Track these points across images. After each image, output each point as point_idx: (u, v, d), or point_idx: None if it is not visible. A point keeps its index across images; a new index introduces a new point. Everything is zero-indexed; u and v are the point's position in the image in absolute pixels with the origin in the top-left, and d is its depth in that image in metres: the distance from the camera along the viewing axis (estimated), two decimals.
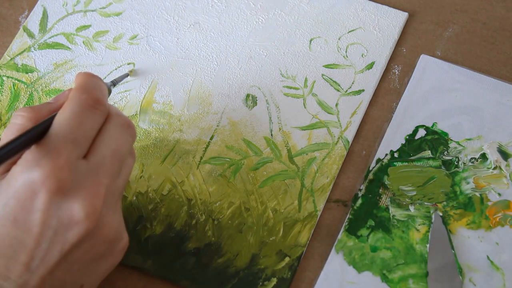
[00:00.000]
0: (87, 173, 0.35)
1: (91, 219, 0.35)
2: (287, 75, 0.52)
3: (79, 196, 0.35)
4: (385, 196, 0.47)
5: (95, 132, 0.37)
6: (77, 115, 0.36)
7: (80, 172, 0.35)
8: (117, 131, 0.38)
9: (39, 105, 0.39)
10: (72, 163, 0.35)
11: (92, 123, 0.37)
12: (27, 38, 0.55)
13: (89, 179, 0.35)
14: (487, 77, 0.51)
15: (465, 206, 0.47)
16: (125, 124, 0.39)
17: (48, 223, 0.34)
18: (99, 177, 0.36)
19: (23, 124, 0.37)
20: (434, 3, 0.55)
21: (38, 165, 0.34)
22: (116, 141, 0.38)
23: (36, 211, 0.34)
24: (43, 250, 0.34)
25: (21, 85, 0.53)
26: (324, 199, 0.48)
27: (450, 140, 0.49)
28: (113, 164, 0.37)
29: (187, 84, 0.52)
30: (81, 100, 0.37)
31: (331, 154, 0.49)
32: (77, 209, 0.35)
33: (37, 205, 0.34)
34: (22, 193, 0.34)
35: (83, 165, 0.35)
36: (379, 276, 0.45)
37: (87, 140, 0.36)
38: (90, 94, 0.37)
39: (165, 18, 0.55)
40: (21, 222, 0.34)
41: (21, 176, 0.34)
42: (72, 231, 0.35)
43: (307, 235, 0.47)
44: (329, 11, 0.54)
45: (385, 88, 0.52)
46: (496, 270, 0.45)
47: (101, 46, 0.54)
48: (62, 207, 0.34)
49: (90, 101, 0.37)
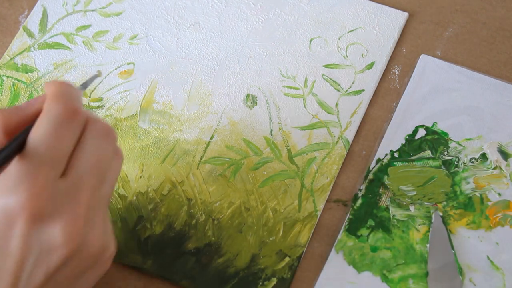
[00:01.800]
0: (66, 193, 0.34)
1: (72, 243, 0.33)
2: (287, 75, 0.52)
3: (59, 220, 0.33)
4: (385, 196, 0.47)
5: (73, 145, 0.35)
6: (53, 131, 0.34)
7: (59, 194, 0.33)
8: (96, 141, 0.35)
9: (8, 110, 0.35)
10: (50, 186, 0.33)
11: (69, 137, 0.34)
12: (27, 38, 0.55)
13: (69, 200, 0.34)
14: (487, 77, 0.51)
15: (465, 206, 0.47)
16: (104, 132, 0.36)
17: (30, 249, 0.33)
18: (78, 195, 0.34)
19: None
20: (434, 3, 0.55)
21: (14, 191, 0.32)
22: (95, 153, 0.35)
23: (15, 238, 0.32)
24: (27, 273, 0.33)
25: (21, 85, 0.53)
26: (324, 199, 0.48)
27: (450, 140, 0.49)
28: (93, 177, 0.35)
29: (187, 84, 0.52)
30: (57, 112, 0.34)
31: (331, 154, 0.49)
32: (57, 235, 0.33)
33: (16, 232, 0.32)
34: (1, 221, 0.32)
35: (62, 184, 0.33)
36: (379, 276, 0.45)
37: (65, 157, 0.34)
38: (66, 105, 0.34)
39: (165, 18, 0.55)
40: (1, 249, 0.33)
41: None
42: (54, 255, 0.33)
43: (307, 235, 0.47)
44: (329, 11, 0.54)
45: (385, 88, 0.52)
46: (496, 270, 0.45)
47: (101, 46, 0.54)
48: (42, 232, 0.33)
49: (67, 112, 0.34)
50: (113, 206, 0.48)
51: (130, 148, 0.50)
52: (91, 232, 0.35)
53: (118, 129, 0.51)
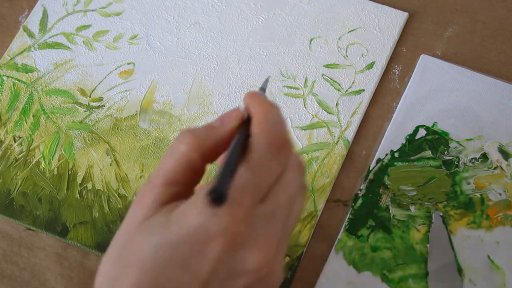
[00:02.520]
0: (263, 220, 0.33)
1: (263, 269, 0.33)
2: (287, 75, 0.52)
3: (254, 247, 0.33)
4: (386, 196, 0.47)
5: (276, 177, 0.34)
6: (262, 162, 0.33)
7: (257, 221, 0.32)
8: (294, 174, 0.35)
9: (203, 130, 0.35)
10: (251, 214, 0.32)
11: (276, 168, 0.33)
12: (27, 38, 0.55)
13: (265, 228, 0.33)
14: (487, 77, 0.51)
15: (466, 206, 0.47)
16: (300, 165, 0.36)
17: (218, 271, 0.32)
18: (272, 224, 0.33)
19: (187, 154, 0.34)
20: (434, 3, 0.55)
21: (216, 214, 0.31)
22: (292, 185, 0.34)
23: (207, 258, 0.32)
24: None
25: (21, 85, 0.53)
26: (324, 199, 0.48)
27: (451, 140, 0.49)
28: (286, 209, 0.34)
29: (187, 84, 0.52)
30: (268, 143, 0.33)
31: (331, 154, 0.49)
32: (251, 260, 0.33)
33: (209, 254, 0.32)
34: (195, 239, 0.32)
35: (260, 211, 0.33)
36: (379, 276, 0.45)
37: (268, 187, 0.33)
38: (278, 135, 0.34)
39: (165, 18, 0.55)
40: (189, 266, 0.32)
41: (196, 221, 0.32)
42: (241, 280, 0.33)
43: (307, 235, 0.47)
44: (329, 11, 0.54)
45: (385, 88, 0.52)
46: (496, 270, 0.45)
47: (101, 46, 0.54)
48: (236, 257, 0.32)
49: (278, 143, 0.34)
50: (113, 206, 0.48)
51: (130, 148, 0.50)
52: (277, 263, 0.34)
53: (118, 129, 0.51)
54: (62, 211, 0.48)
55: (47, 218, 0.48)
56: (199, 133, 0.35)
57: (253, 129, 0.35)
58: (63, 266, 0.47)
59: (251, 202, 0.32)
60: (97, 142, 0.50)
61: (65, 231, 0.48)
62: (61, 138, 0.51)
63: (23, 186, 0.49)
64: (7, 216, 0.48)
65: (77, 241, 0.47)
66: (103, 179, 0.49)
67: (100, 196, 0.49)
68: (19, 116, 0.52)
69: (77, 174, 0.49)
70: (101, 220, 0.48)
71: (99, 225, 0.48)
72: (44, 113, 0.52)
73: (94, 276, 0.47)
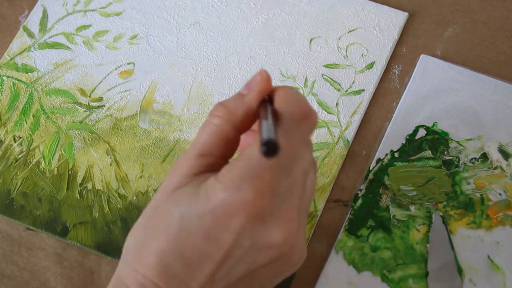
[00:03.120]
0: (285, 195, 0.34)
1: (288, 244, 0.34)
2: (287, 75, 0.52)
3: (277, 221, 0.33)
4: (386, 196, 0.47)
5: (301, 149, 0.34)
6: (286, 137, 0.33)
7: (279, 196, 0.33)
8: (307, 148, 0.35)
9: (232, 100, 0.36)
10: (273, 190, 0.33)
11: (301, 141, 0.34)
12: (27, 38, 0.55)
13: (286, 203, 0.34)
14: (487, 77, 0.51)
15: (466, 206, 0.47)
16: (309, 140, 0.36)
17: (241, 243, 0.33)
18: (292, 199, 0.34)
19: (221, 126, 0.35)
20: (434, 3, 0.55)
21: (241, 189, 0.32)
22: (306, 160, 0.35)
23: (230, 231, 0.33)
24: (230, 266, 0.33)
25: (21, 85, 0.53)
26: (324, 199, 0.48)
27: (451, 140, 0.49)
28: (302, 183, 0.35)
29: (187, 84, 0.52)
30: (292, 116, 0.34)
31: (331, 154, 0.49)
32: (274, 234, 0.33)
33: (232, 226, 0.33)
34: (220, 211, 0.33)
35: (283, 187, 0.33)
36: (379, 276, 0.45)
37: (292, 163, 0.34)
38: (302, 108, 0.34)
39: (165, 18, 0.55)
40: (213, 237, 0.33)
41: (221, 195, 0.33)
42: (264, 253, 0.34)
43: (307, 235, 0.47)
44: (329, 11, 0.54)
45: (385, 88, 0.52)
46: (496, 270, 0.45)
47: (101, 46, 0.54)
48: (259, 231, 0.33)
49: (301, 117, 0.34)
50: (113, 206, 0.48)
51: (130, 148, 0.50)
52: (299, 239, 0.35)
53: (118, 129, 0.51)
54: (62, 211, 0.48)
55: (47, 218, 0.48)
56: (230, 105, 0.36)
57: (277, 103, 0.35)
58: (63, 266, 0.47)
59: (275, 176, 0.33)
60: (97, 142, 0.51)
61: (65, 231, 0.48)
62: (61, 138, 0.51)
63: (23, 186, 0.49)
64: (7, 216, 0.48)
65: (77, 241, 0.47)
66: (103, 179, 0.49)
67: (100, 196, 0.49)
68: (19, 116, 0.52)
69: (77, 174, 0.49)
70: (101, 220, 0.48)
71: (99, 225, 0.48)
72: (44, 113, 0.52)
73: (94, 276, 0.47)
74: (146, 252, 0.34)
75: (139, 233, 0.35)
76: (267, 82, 0.36)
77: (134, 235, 0.35)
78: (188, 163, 0.35)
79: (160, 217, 0.34)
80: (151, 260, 0.33)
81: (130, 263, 0.34)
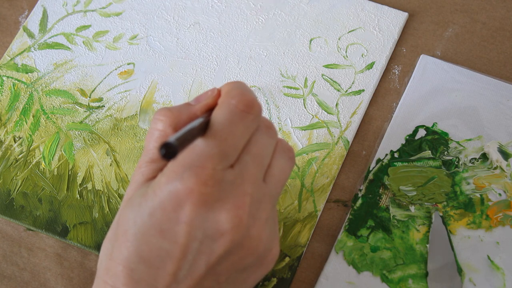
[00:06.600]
0: (233, 182, 0.34)
1: (237, 230, 0.34)
2: (287, 75, 0.52)
3: (224, 207, 0.34)
4: (385, 196, 0.47)
5: (246, 140, 0.35)
6: (224, 128, 0.34)
7: (226, 183, 0.34)
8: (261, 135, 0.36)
9: (178, 107, 0.37)
10: (217, 176, 0.33)
11: (243, 132, 0.35)
12: (27, 38, 0.55)
13: (235, 189, 0.34)
14: (487, 77, 0.51)
15: (466, 206, 0.47)
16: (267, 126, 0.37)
17: (194, 234, 0.33)
18: (243, 186, 0.34)
19: (164, 130, 0.36)
20: (434, 3, 0.55)
21: (182, 178, 0.33)
22: (259, 146, 0.35)
23: (181, 222, 0.33)
24: (190, 261, 0.34)
25: (21, 85, 0.53)
26: (324, 199, 0.48)
27: (450, 140, 0.49)
28: (255, 169, 0.35)
29: (187, 84, 0.52)
30: (231, 109, 0.35)
31: (331, 154, 0.49)
32: (223, 221, 0.34)
33: (182, 217, 0.33)
34: (168, 204, 0.33)
35: (230, 175, 0.34)
36: (379, 276, 0.45)
37: (236, 151, 0.34)
38: (242, 97, 0.35)
39: (165, 18, 0.55)
40: (167, 232, 0.33)
41: (166, 187, 0.33)
42: (218, 242, 0.34)
43: (307, 235, 0.47)
44: (329, 11, 0.54)
45: (385, 88, 0.52)
46: (496, 270, 0.45)
47: (101, 46, 0.54)
48: (208, 218, 0.33)
49: (241, 107, 0.35)
50: (113, 207, 0.48)
51: (130, 148, 0.50)
52: (254, 225, 0.35)
53: (118, 129, 0.51)
54: (62, 212, 0.48)
55: (47, 219, 0.48)
56: (174, 110, 0.36)
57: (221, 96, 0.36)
58: (63, 266, 0.47)
59: (217, 164, 0.33)
60: (97, 143, 0.51)
61: (65, 231, 0.48)
62: (61, 138, 0.51)
63: (23, 186, 0.49)
64: (7, 217, 0.48)
65: (77, 241, 0.47)
66: (103, 180, 0.49)
67: (100, 196, 0.49)
68: (19, 117, 0.52)
69: (77, 174, 0.49)
70: (101, 220, 0.48)
71: (99, 226, 0.48)
72: (44, 113, 0.52)
73: (94, 276, 0.47)
74: (113, 263, 0.34)
75: (106, 246, 0.36)
76: (217, 98, 0.37)
77: (103, 249, 0.36)
78: (141, 171, 0.36)
79: (119, 226, 0.35)
80: (118, 269, 0.34)
81: (101, 277, 0.35)
